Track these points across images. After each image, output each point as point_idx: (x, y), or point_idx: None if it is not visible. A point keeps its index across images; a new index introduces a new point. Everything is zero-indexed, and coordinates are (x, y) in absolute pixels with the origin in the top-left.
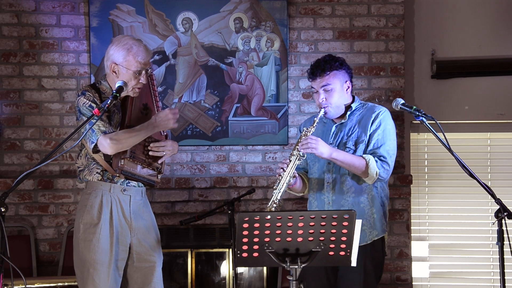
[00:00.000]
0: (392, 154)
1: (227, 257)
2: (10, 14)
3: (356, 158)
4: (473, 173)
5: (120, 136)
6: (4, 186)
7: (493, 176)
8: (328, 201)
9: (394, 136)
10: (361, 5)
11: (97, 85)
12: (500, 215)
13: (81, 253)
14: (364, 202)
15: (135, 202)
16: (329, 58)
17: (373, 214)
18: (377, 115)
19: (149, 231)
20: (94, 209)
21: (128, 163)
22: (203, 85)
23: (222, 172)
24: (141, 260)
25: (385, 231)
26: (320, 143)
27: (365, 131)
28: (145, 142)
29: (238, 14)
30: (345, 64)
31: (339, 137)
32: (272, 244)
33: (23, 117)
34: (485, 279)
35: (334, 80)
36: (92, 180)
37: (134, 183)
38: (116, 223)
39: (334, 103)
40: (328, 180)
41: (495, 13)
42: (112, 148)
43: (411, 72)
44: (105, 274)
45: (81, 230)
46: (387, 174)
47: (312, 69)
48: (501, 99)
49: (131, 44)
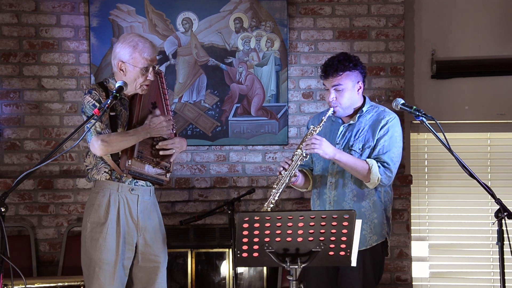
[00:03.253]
0: (396, 161)
1: (227, 257)
2: (10, 14)
3: (359, 162)
4: (473, 173)
5: (112, 138)
6: (4, 186)
7: (493, 176)
8: (329, 201)
9: (400, 144)
10: (361, 5)
11: (104, 84)
12: (500, 215)
13: (87, 252)
14: (365, 206)
15: (143, 202)
16: (344, 58)
17: (374, 220)
18: (386, 121)
19: (155, 231)
20: (101, 208)
21: (136, 163)
22: (203, 85)
23: (222, 172)
24: (146, 260)
25: (384, 236)
26: (324, 143)
27: (373, 136)
28: (153, 141)
29: (238, 14)
30: (360, 64)
31: (346, 138)
32: (272, 244)
33: (23, 117)
34: (485, 279)
35: (346, 81)
36: (100, 179)
37: (142, 183)
38: (123, 223)
39: (344, 103)
40: (331, 181)
41: (495, 13)
42: (101, 150)
43: (411, 72)
44: (110, 273)
45: (88, 228)
46: (388, 180)
47: (325, 68)
48: (501, 99)
49: (136, 41)
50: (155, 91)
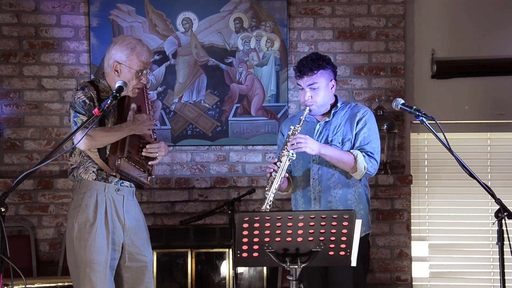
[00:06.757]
0: (378, 151)
1: (227, 257)
2: (10, 14)
3: (344, 153)
4: (473, 173)
5: (97, 133)
6: (4, 186)
7: (493, 176)
8: (314, 197)
9: (378, 136)
10: (361, 5)
11: (95, 83)
12: (500, 215)
13: (76, 253)
14: (351, 199)
15: (127, 202)
16: (316, 57)
17: (360, 211)
18: (362, 114)
19: (141, 231)
20: (89, 208)
21: (124, 163)
22: (203, 85)
23: (222, 172)
24: (134, 260)
25: (370, 227)
26: (309, 140)
27: (351, 129)
28: (139, 144)
29: (238, 14)
30: (331, 62)
31: (324, 135)
32: (272, 244)
33: (23, 117)
34: (485, 279)
35: (321, 79)
36: (87, 179)
37: (127, 183)
38: (110, 223)
39: (319, 102)
40: (314, 177)
41: (495, 13)
42: (85, 144)
43: (411, 72)
44: (102, 274)
45: (75, 229)
46: (374, 169)
47: (300, 68)
48: (501, 99)
49: (134, 44)
50: (140, 97)
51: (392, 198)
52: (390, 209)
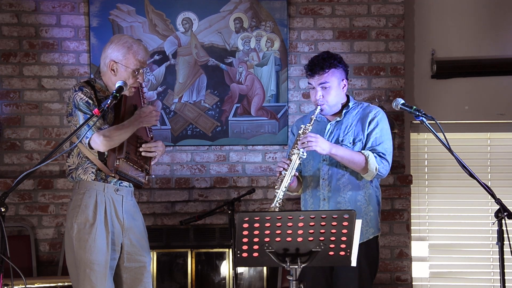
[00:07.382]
0: (390, 152)
1: (227, 257)
2: (10, 14)
3: (355, 154)
4: (473, 173)
5: (112, 133)
6: (4, 186)
7: (493, 176)
8: (323, 197)
9: (390, 137)
10: (361, 5)
11: (91, 83)
12: (500, 215)
13: (76, 253)
14: (361, 200)
15: (126, 202)
16: (328, 56)
17: (369, 212)
18: (374, 115)
19: (140, 231)
20: (88, 209)
21: (122, 163)
22: (203, 85)
23: (222, 172)
24: (132, 260)
25: (379, 229)
26: (320, 139)
27: (363, 129)
28: (137, 143)
29: (238, 14)
30: (343, 61)
31: (336, 135)
32: (272, 244)
33: (23, 117)
34: (485, 279)
35: (332, 78)
36: (87, 179)
37: (125, 184)
38: (110, 223)
39: (331, 101)
40: (324, 177)
41: (495, 13)
42: (104, 145)
43: (411, 72)
44: (102, 274)
45: (75, 229)
46: (386, 170)
47: (311, 66)
48: (501, 99)
49: (131, 43)
50: (136, 96)
51: (392, 198)
52: (390, 209)
